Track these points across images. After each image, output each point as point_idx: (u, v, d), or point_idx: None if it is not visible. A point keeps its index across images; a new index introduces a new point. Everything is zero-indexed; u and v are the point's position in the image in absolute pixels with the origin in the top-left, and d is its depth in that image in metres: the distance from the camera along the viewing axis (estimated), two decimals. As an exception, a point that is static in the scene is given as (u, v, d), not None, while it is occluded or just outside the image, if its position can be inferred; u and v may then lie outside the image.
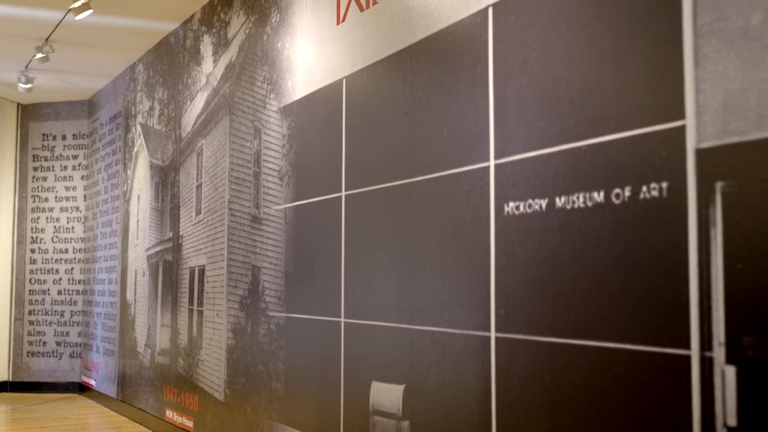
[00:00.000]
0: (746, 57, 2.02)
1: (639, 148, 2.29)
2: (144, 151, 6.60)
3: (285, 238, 4.26)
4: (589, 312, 2.43)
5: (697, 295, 2.11)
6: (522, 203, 2.70)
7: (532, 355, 2.62)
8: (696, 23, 2.15)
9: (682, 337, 2.14)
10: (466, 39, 3.00)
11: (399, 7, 3.40)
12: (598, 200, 2.42)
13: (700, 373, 2.10)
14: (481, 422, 2.82)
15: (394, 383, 3.31)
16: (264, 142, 4.52)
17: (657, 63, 2.25)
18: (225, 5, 5.17)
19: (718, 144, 2.08)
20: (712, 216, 2.08)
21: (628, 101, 2.33)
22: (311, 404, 3.94)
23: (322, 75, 3.98)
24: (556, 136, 2.58)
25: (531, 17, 2.70)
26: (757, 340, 1.96)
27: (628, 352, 2.29)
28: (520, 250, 2.69)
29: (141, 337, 6.49)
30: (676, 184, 2.18)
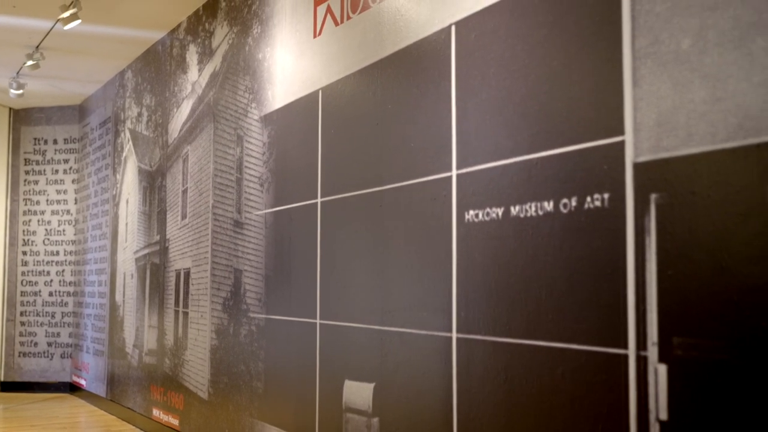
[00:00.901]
0: (677, 78, 2.18)
1: (584, 161, 2.46)
2: (132, 156, 6.75)
3: (265, 242, 4.42)
4: (539, 314, 2.59)
5: (634, 298, 2.27)
6: (481, 211, 2.86)
7: (490, 354, 2.79)
8: (634, 46, 2.31)
9: (620, 337, 2.31)
10: (432, 55, 3.16)
11: (371, 22, 3.56)
12: (548, 209, 2.58)
13: (636, 371, 2.26)
14: (444, 418, 2.98)
15: (365, 382, 3.47)
16: (246, 150, 4.67)
17: (600, 82, 2.41)
18: (209, 16, 5.33)
19: (652, 158, 2.24)
20: (647, 225, 2.25)
21: (575, 117, 2.50)
22: (289, 402, 4.10)
23: (300, 86, 4.14)
24: (511, 148, 2.74)
25: (490, 36, 2.87)
26: (685, 341, 2.13)
27: (574, 351, 2.46)
28: (479, 256, 2.86)
29: (129, 338, 6.64)
30: (617, 195, 2.34)
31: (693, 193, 2.12)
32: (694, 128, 2.13)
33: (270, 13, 4.50)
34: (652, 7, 2.27)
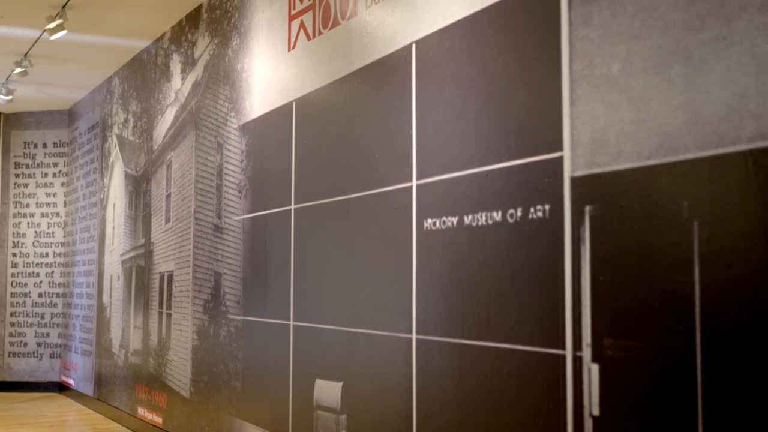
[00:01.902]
0: (608, 100, 2.37)
1: (528, 174, 2.64)
2: (119, 160, 6.92)
3: (243, 246, 4.60)
4: (489, 317, 2.77)
5: (570, 303, 2.45)
6: (437, 220, 3.04)
7: (445, 354, 2.97)
8: (571, 69, 2.50)
9: (559, 339, 2.49)
10: (394, 71, 3.34)
11: (340, 38, 3.74)
12: (497, 219, 2.76)
13: (572, 370, 2.44)
14: (405, 414, 3.16)
15: (334, 381, 3.65)
16: (225, 157, 4.85)
17: (542, 101, 2.60)
18: (192, 27, 5.50)
19: (587, 173, 2.43)
20: (582, 235, 2.43)
21: (520, 133, 2.68)
22: (265, 400, 4.28)
23: (276, 97, 4.31)
24: (464, 161, 2.92)
25: (446, 55, 3.05)
26: (614, 342, 2.31)
27: (519, 351, 2.64)
28: (436, 262, 3.04)
29: (116, 339, 6.81)
30: (556, 206, 2.53)
31: (621, 206, 2.31)
32: (622, 146, 2.32)
33: (248, 26, 4.67)
34: (587, 33, 2.45)
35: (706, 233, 2.07)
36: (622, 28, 2.34)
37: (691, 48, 2.14)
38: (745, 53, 2.01)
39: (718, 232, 2.04)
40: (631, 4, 2.32)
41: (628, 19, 2.32)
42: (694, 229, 2.11)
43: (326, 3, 3.86)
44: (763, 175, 1.95)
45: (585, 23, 2.46)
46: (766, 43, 1.96)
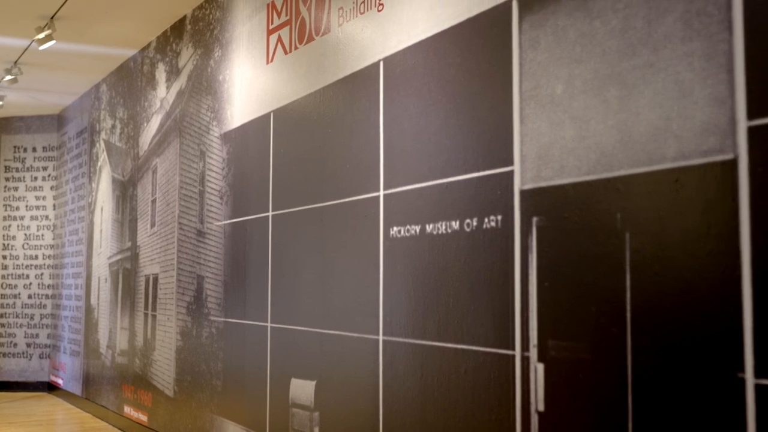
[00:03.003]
0: (552, 119, 2.56)
1: (483, 186, 2.83)
2: (107, 165, 7.09)
3: (224, 251, 4.78)
4: (448, 319, 2.96)
5: (519, 306, 2.64)
6: (402, 228, 3.23)
7: (409, 354, 3.16)
8: (521, 89, 2.69)
9: (509, 340, 2.68)
10: (364, 86, 3.53)
11: (315, 53, 3.92)
12: (455, 228, 2.95)
13: (521, 370, 2.63)
14: (373, 410, 3.35)
15: (308, 380, 3.84)
16: (208, 164, 5.03)
17: (496, 118, 2.78)
18: (176, 37, 5.68)
19: (534, 186, 2.62)
20: (530, 244, 2.62)
21: (476, 147, 2.87)
22: (244, 399, 4.46)
23: (255, 107, 4.50)
24: (426, 173, 3.11)
25: (410, 72, 3.23)
26: (557, 343, 2.50)
27: (474, 352, 2.83)
28: (401, 267, 3.23)
29: (103, 339, 6.98)
30: (507, 217, 2.72)
31: (564, 218, 2.50)
32: (565, 161, 2.51)
33: (229, 38, 4.86)
34: (535, 56, 2.64)
35: (636, 244, 2.26)
36: (564, 53, 2.53)
37: (624, 72, 2.34)
38: (669, 79, 2.20)
39: (647, 242, 2.23)
40: (572, 30, 2.51)
41: (569, 45, 2.51)
42: (626, 240, 2.30)
43: (302, 19, 4.04)
44: (685, 191, 2.14)
45: (533, 47, 2.65)
46: (688, 71, 2.15)
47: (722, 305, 2.03)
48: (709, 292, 2.06)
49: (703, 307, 2.07)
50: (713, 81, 2.09)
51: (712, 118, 2.09)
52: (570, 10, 2.52)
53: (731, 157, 2.03)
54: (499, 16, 2.79)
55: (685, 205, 2.14)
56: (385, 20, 3.40)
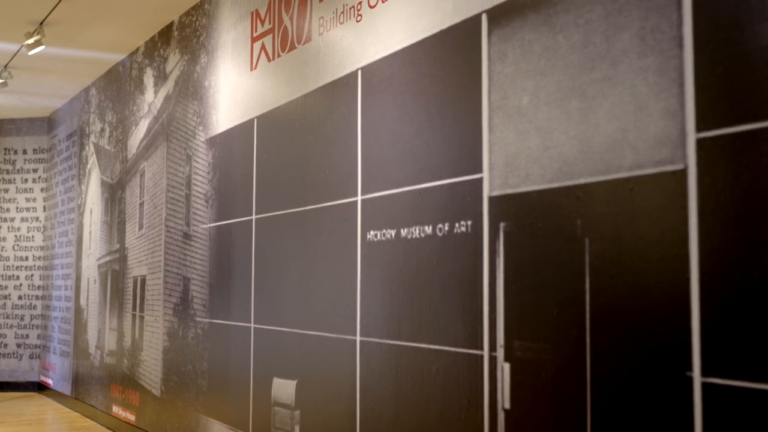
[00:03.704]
0: (519, 129, 2.67)
1: (454, 193, 2.94)
2: (96, 168, 7.18)
3: (209, 253, 4.88)
4: (421, 320, 3.07)
5: (488, 309, 2.75)
6: (379, 232, 3.34)
7: (384, 354, 3.26)
8: (490, 100, 2.80)
9: (478, 340, 2.79)
10: (344, 94, 3.63)
11: (297, 61, 4.03)
12: (428, 233, 3.06)
13: (488, 369, 2.74)
14: (351, 409, 3.46)
15: (289, 379, 3.94)
16: (194, 168, 5.13)
17: (466, 127, 2.89)
18: (164, 43, 5.78)
19: (502, 193, 2.73)
20: (498, 248, 2.73)
21: (447, 155, 2.98)
22: (228, 398, 4.56)
23: (239, 113, 4.60)
24: (401, 179, 3.22)
25: (387, 81, 3.34)
26: (522, 343, 2.61)
27: (445, 352, 2.94)
28: (377, 270, 3.33)
29: (92, 340, 7.07)
30: (477, 222, 2.83)
31: (529, 224, 2.61)
32: (530, 170, 2.62)
33: (215, 45, 4.96)
34: (502, 68, 2.75)
35: (595, 249, 2.37)
36: (530, 65, 2.64)
37: (585, 85, 2.45)
38: (626, 92, 2.31)
39: (605, 248, 2.34)
40: (537, 44, 2.62)
41: (535, 58, 2.62)
42: (585, 245, 2.41)
43: (284, 28, 4.15)
44: (639, 199, 2.25)
45: (501, 59, 2.76)
46: (643, 85, 2.26)
47: (672, 308, 2.14)
48: (660, 295, 2.17)
49: (655, 310, 2.18)
50: (666, 95, 2.20)
51: (664, 130, 2.20)
52: (535, 24, 2.63)
53: (681, 168, 2.14)
54: (470, 29, 2.91)
55: (639, 212, 2.25)
56: (364, 30, 3.51)
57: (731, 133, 2.03)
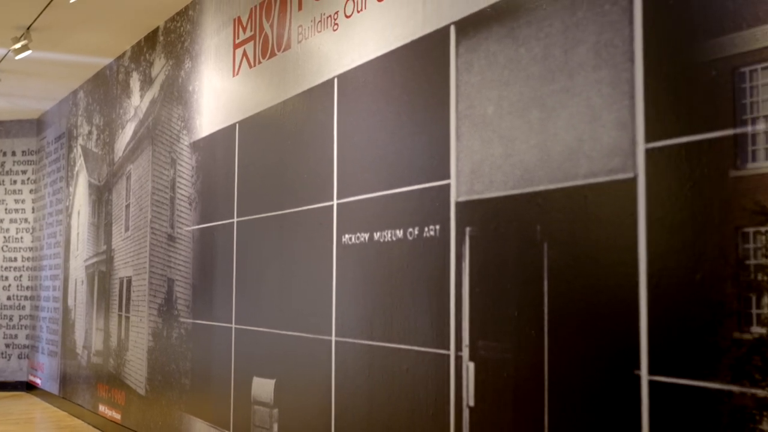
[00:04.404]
0: (484, 137, 2.78)
1: (424, 198, 3.04)
2: (84, 170, 7.27)
3: (192, 255, 4.98)
4: (392, 321, 3.17)
5: (454, 310, 2.86)
6: (353, 235, 3.44)
7: (357, 354, 3.37)
8: (457, 108, 2.91)
9: (445, 340, 2.90)
10: (320, 101, 3.74)
11: (276, 68, 4.13)
12: (399, 236, 3.17)
13: (455, 368, 2.85)
14: (326, 407, 3.56)
15: (268, 378, 4.04)
16: (178, 172, 5.23)
17: (435, 134, 3.00)
18: (150, 48, 5.87)
19: (468, 199, 2.83)
20: (464, 252, 2.84)
21: (418, 162, 3.08)
22: (210, 397, 4.66)
23: (222, 118, 4.70)
24: (374, 184, 3.32)
25: (362, 89, 3.45)
26: (485, 343, 2.72)
27: (414, 351, 3.04)
28: (351, 273, 3.44)
29: (80, 340, 7.16)
30: (444, 227, 2.93)
31: (493, 229, 2.72)
32: (494, 177, 2.73)
33: (199, 50, 5.06)
34: (469, 78, 2.86)
35: (553, 253, 2.48)
36: (495, 76, 2.75)
37: (545, 96, 2.56)
38: (582, 104, 2.42)
39: (561, 252, 2.45)
40: (501, 56, 2.72)
41: (499, 69, 2.73)
42: (544, 250, 2.52)
43: (265, 35, 4.25)
44: (592, 206, 2.36)
45: (467, 70, 2.87)
46: (597, 97, 2.37)
47: (623, 309, 2.25)
48: (611, 297, 2.28)
49: (607, 311, 2.29)
50: (618, 106, 2.31)
51: (616, 140, 2.31)
52: (500, 36, 2.74)
53: (631, 176, 2.25)
54: (439, 40, 3.01)
55: (593, 218, 2.36)
56: (340, 39, 3.62)
57: (677, 143, 2.14)
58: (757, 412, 1.93)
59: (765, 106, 1.96)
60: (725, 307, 2.01)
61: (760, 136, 1.96)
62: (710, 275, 2.04)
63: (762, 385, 1.91)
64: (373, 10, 3.39)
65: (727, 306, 2.01)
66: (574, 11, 2.47)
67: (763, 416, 1.92)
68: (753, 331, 1.95)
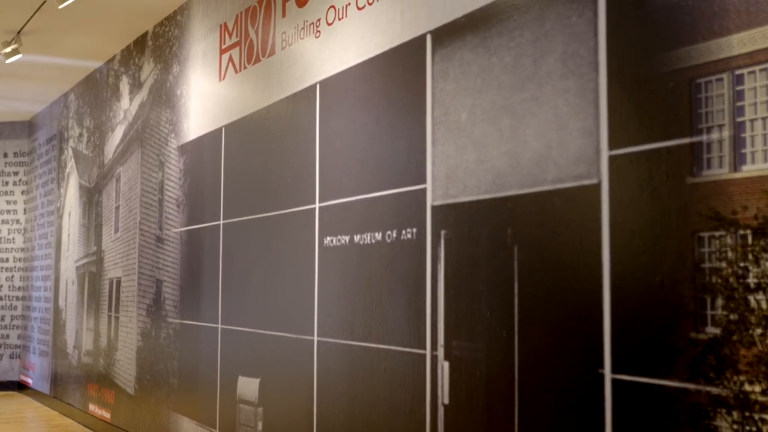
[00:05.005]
0: (458, 143, 2.86)
1: (401, 202, 3.13)
2: (74, 172, 7.34)
3: (180, 256, 5.06)
4: (372, 322, 3.26)
5: (430, 311, 2.95)
6: (334, 238, 3.53)
7: (339, 353, 3.45)
8: (433, 115, 2.99)
9: (422, 340, 2.98)
10: (303, 106, 3.82)
11: (261, 74, 4.21)
12: (378, 239, 3.25)
13: (430, 367, 2.93)
14: (308, 405, 3.64)
15: (253, 377, 4.13)
16: (166, 174, 5.30)
17: (413, 140, 3.09)
18: (139, 52, 5.95)
19: (443, 203, 2.92)
20: (439, 254, 2.92)
21: (396, 166, 3.17)
22: (197, 396, 4.74)
23: (208, 122, 4.78)
24: (354, 188, 3.41)
25: (342, 95, 3.53)
26: (459, 343, 2.81)
27: (392, 351, 3.13)
28: (333, 274, 3.52)
29: (70, 340, 7.23)
30: (421, 230, 3.02)
31: (467, 232, 2.80)
32: (467, 182, 2.81)
33: (186, 55, 5.13)
34: (444, 86, 2.94)
35: (523, 256, 2.57)
36: (469, 84, 2.83)
37: (515, 104, 2.64)
38: (550, 112, 2.51)
39: (531, 255, 2.54)
40: (475, 64, 2.81)
41: (472, 77, 2.82)
42: (514, 253, 2.61)
43: (250, 41, 4.33)
44: (559, 211, 2.45)
45: (443, 77, 2.96)
46: (565, 106, 2.46)
47: (588, 310, 2.34)
48: (577, 299, 2.37)
49: (573, 312, 2.38)
50: (584, 115, 2.40)
51: (582, 147, 2.40)
52: (473, 45, 2.82)
53: (596, 182, 2.34)
54: (417, 48, 3.10)
55: (560, 223, 2.45)
56: (322, 46, 3.70)
57: (638, 151, 2.23)
58: (711, 409, 2.01)
59: (719, 116, 2.04)
60: (682, 308, 2.10)
61: (714, 145, 2.05)
62: (669, 278, 2.13)
63: (716, 383, 2.00)
64: (354, 18, 3.47)
65: (684, 307, 2.09)
66: (543, 22, 2.55)
67: (716, 413, 2.00)
68: (708, 332, 2.04)
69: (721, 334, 2.00)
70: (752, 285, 1.95)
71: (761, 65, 1.96)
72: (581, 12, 2.43)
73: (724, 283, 2.00)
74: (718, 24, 2.05)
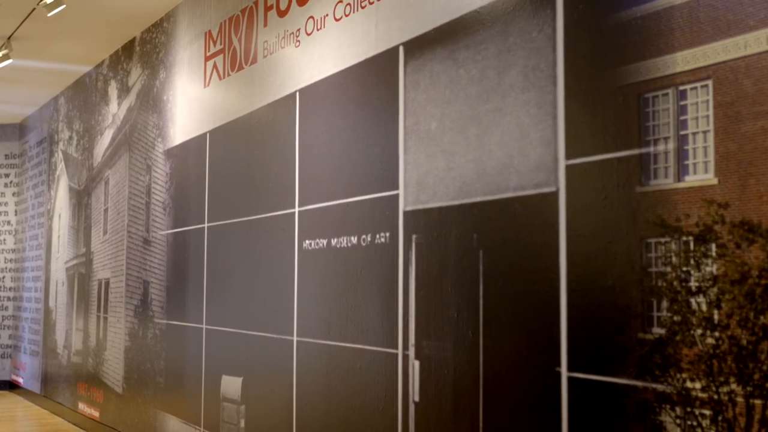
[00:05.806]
0: (428, 151, 2.99)
1: (375, 207, 3.25)
2: (64, 175, 7.45)
3: (167, 258, 5.17)
4: (347, 322, 3.38)
5: (402, 311, 3.07)
6: (313, 241, 3.65)
7: (317, 353, 3.57)
8: (405, 124, 3.11)
9: (394, 340, 3.11)
10: (283, 113, 3.94)
11: (244, 80, 4.33)
12: (354, 242, 3.37)
13: (402, 366, 3.06)
14: (288, 403, 3.77)
15: (236, 376, 4.25)
16: (153, 178, 5.42)
17: (386, 148, 3.21)
18: (127, 57, 6.06)
19: (414, 209, 3.04)
20: (410, 258, 3.05)
21: (370, 172, 3.29)
22: (182, 394, 4.86)
23: (194, 127, 4.90)
24: (331, 193, 3.53)
25: (320, 102, 3.65)
26: (429, 343, 2.93)
27: (367, 351, 3.25)
28: (311, 276, 3.64)
29: (60, 340, 7.34)
30: (393, 234, 3.14)
31: (436, 236, 2.93)
32: (437, 188, 2.94)
33: (173, 61, 5.25)
34: (415, 95, 3.07)
35: (487, 260, 2.69)
36: (438, 94, 2.96)
37: (481, 115, 2.77)
38: (513, 123, 2.63)
39: (495, 259, 2.66)
40: (444, 75, 2.93)
41: (442, 88, 2.94)
42: (480, 257, 2.73)
43: (234, 49, 4.45)
44: (520, 217, 2.57)
45: (414, 87, 3.08)
46: (526, 116, 2.59)
47: (546, 312, 2.46)
48: (537, 301, 2.50)
49: (533, 314, 2.51)
50: (543, 126, 2.52)
51: (542, 157, 2.52)
52: (442, 57, 2.95)
53: (554, 190, 2.47)
54: (389, 59, 3.22)
55: (522, 228, 2.57)
56: (302, 55, 3.82)
57: (592, 161, 2.36)
58: (657, 404, 2.14)
59: (665, 129, 2.17)
60: (631, 309, 2.22)
61: (661, 156, 2.17)
62: (619, 281, 2.26)
63: (661, 380, 2.13)
64: (332, 29, 3.59)
65: (632, 309, 2.22)
66: (507, 37, 2.68)
67: (662, 408, 2.13)
68: (654, 332, 2.16)
69: (666, 334, 2.12)
70: (693, 288, 2.07)
71: (702, 82, 2.09)
72: (541, 28, 2.55)
73: (669, 287, 2.13)
74: (664, 42, 2.18)
